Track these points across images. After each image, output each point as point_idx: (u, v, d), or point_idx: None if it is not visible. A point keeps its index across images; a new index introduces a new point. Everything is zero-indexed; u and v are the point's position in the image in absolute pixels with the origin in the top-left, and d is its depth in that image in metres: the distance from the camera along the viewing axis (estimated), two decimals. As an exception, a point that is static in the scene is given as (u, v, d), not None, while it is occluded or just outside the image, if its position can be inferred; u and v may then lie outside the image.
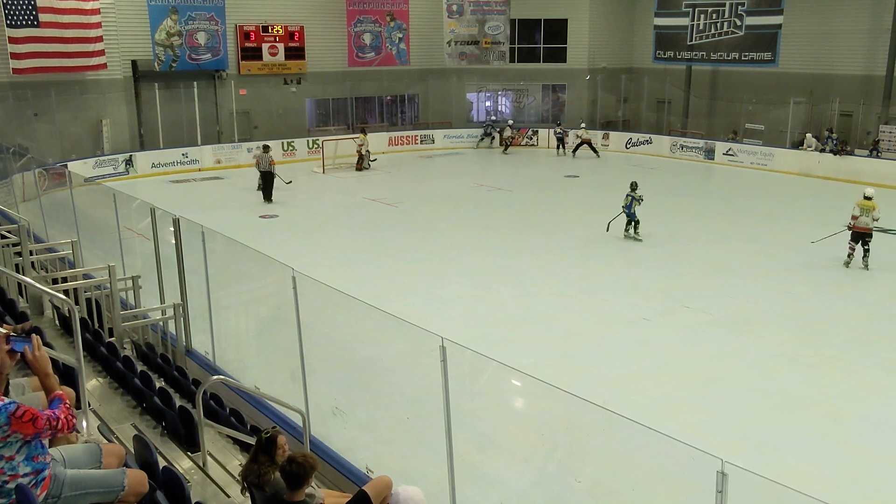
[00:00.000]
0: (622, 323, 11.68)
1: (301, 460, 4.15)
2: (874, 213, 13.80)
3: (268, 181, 20.45)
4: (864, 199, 13.95)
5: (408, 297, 12.49)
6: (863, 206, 13.90)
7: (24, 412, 3.54)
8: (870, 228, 13.83)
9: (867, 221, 13.80)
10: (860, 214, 13.86)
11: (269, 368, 9.03)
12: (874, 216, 13.79)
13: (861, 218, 13.84)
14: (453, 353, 5.09)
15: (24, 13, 21.57)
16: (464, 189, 22.34)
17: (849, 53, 24.67)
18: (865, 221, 13.81)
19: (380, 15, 29.46)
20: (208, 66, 26.07)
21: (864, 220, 13.82)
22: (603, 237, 16.57)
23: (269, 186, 20.46)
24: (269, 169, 20.42)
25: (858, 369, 10.09)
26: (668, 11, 28.46)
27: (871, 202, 13.86)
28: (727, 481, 3.49)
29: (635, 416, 4.47)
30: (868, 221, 13.79)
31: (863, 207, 13.89)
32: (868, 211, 13.81)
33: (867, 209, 13.84)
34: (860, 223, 13.89)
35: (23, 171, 16.74)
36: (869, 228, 13.82)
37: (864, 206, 13.89)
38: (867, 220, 13.78)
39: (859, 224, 13.89)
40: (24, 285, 8.19)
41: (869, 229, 13.82)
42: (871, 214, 13.77)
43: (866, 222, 13.81)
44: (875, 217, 13.79)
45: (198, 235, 8.55)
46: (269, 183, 20.46)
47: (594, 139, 28.37)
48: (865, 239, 13.88)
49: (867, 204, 13.87)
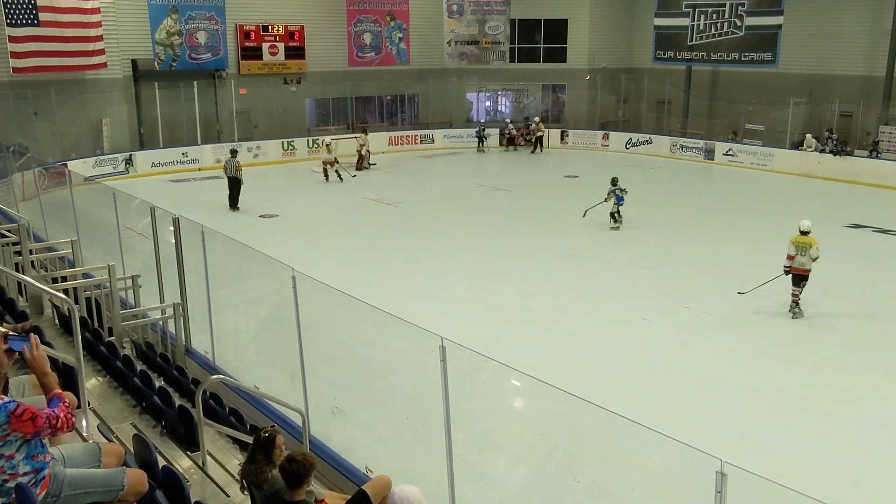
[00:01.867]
0: (621, 323, 11.68)
1: (300, 459, 4.15)
2: (812, 250, 11.38)
3: (233, 187, 19.36)
4: (800, 235, 11.59)
5: (408, 297, 12.49)
6: (799, 244, 11.53)
7: (24, 411, 3.54)
8: (807, 270, 11.50)
9: (804, 261, 11.45)
10: (796, 253, 11.53)
11: (269, 368, 9.04)
12: (812, 255, 11.39)
13: (798, 258, 11.50)
14: (453, 353, 5.10)
15: (25, 12, 21.57)
16: (463, 189, 22.34)
17: (849, 54, 24.69)
18: (802, 261, 11.47)
19: (380, 15, 29.47)
20: (208, 65, 26.08)
21: (800, 259, 11.49)
22: (603, 237, 16.58)
23: (234, 193, 19.38)
24: (236, 174, 19.32)
25: (857, 370, 10.10)
26: (669, 12, 28.47)
27: (809, 238, 11.49)
28: (726, 481, 3.49)
29: (634, 416, 4.48)
30: (805, 261, 11.43)
31: (798, 245, 11.53)
32: (805, 248, 11.44)
33: (804, 246, 11.46)
34: (797, 264, 11.53)
35: (23, 171, 16.74)
36: (807, 270, 11.50)
37: (800, 244, 11.52)
38: (804, 259, 11.45)
39: (796, 265, 11.55)
40: (24, 284, 8.18)
41: (807, 270, 11.50)
42: (809, 253, 11.39)
43: (803, 262, 11.47)
44: (814, 256, 11.38)
45: (197, 235, 8.55)
46: (235, 189, 19.37)
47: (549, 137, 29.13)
48: (802, 281, 11.57)
49: (804, 240, 11.50)
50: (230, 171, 19.51)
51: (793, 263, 11.58)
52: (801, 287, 11.61)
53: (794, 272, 11.59)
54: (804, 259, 11.45)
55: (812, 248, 11.39)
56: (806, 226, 11.65)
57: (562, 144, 30.30)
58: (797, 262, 11.53)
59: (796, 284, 11.61)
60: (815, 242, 11.42)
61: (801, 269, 11.54)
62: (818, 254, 11.41)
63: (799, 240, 11.57)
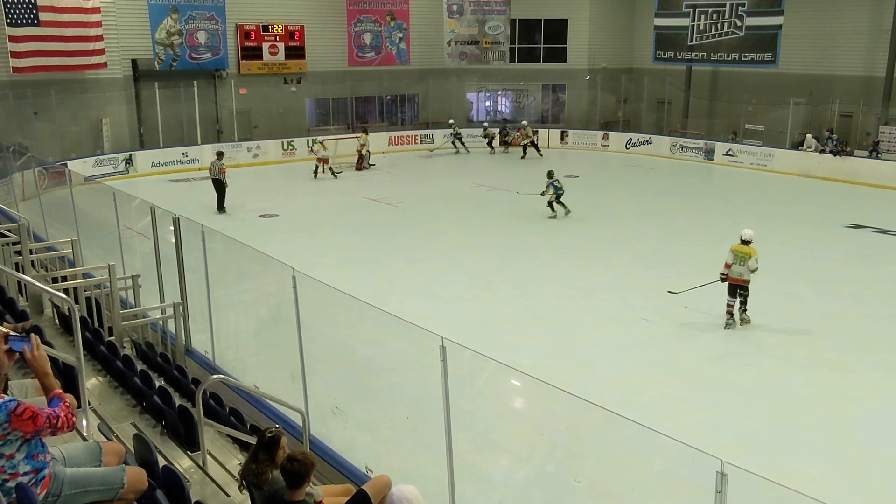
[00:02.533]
0: (621, 323, 11.69)
1: (302, 458, 4.16)
2: (750, 262, 11.01)
3: (218, 189, 19.16)
4: (741, 244, 11.20)
5: (407, 296, 12.49)
6: (737, 253, 11.17)
7: (24, 410, 3.54)
8: (745, 280, 11.12)
9: (741, 272, 11.08)
10: (734, 262, 11.15)
11: (269, 368, 9.04)
12: (750, 266, 11.02)
13: (734, 267, 11.14)
14: (453, 353, 5.10)
15: (25, 12, 21.58)
16: (463, 189, 22.34)
17: (849, 54, 24.69)
18: (739, 271, 11.10)
19: (380, 15, 29.48)
20: (208, 65, 26.08)
21: (737, 269, 11.12)
22: (603, 237, 16.57)
23: (219, 195, 19.15)
24: (220, 177, 19.08)
25: (857, 370, 10.10)
26: (669, 12, 28.48)
27: (749, 248, 11.10)
28: (726, 482, 3.50)
29: (635, 416, 4.48)
30: (743, 272, 11.07)
31: (737, 254, 11.16)
32: (744, 258, 11.07)
33: (742, 256, 11.10)
34: (733, 273, 11.15)
35: (23, 170, 16.74)
36: (744, 280, 11.12)
37: (738, 253, 11.15)
38: (742, 269, 11.08)
39: (732, 274, 11.16)
40: (24, 284, 8.19)
41: (744, 281, 11.12)
42: (748, 264, 11.04)
43: (740, 272, 11.09)
44: (752, 267, 11.02)
45: (198, 234, 8.56)
46: (220, 191, 19.15)
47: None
48: (741, 292, 11.22)
49: (743, 250, 11.12)
50: (214, 173, 19.35)
51: (729, 272, 11.19)
52: (739, 298, 11.22)
53: (731, 281, 11.22)
54: (742, 269, 11.07)
55: (751, 259, 11.01)
56: (747, 235, 11.23)
57: (562, 144, 30.29)
58: (734, 272, 11.14)
59: (732, 294, 11.24)
60: (754, 253, 11.03)
61: (738, 280, 11.15)
62: (757, 266, 11.02)
63: (738, 249, 11.19)
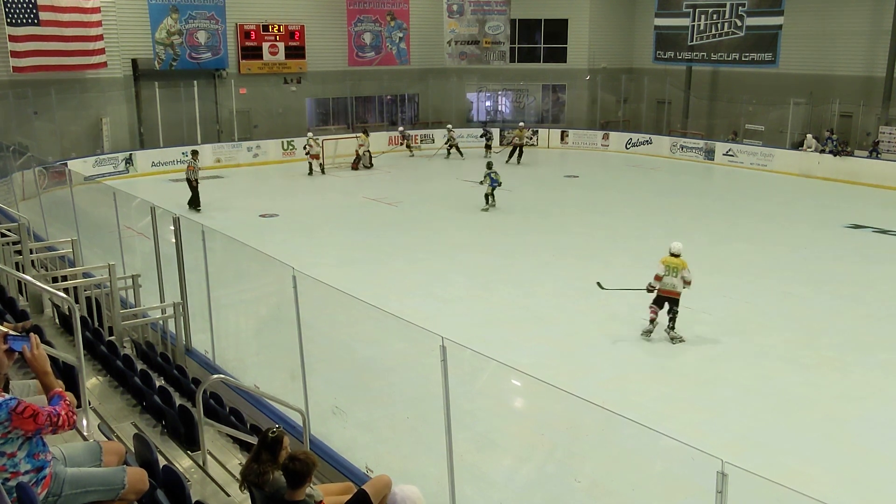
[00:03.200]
0: (621, 323, 11.68)
1: (303, 458, 4.16)
2: (684, 272, 10.86)
3: (191, 189, 19.18)
4: (671, 256, 11.02)
5: (408, 296, 12.49)
6: (669, 265, 10.95)
7: (25, 408, 3.54)
8: (677, 293, 10.92)
9: (674, 284, 10.89)
10: (665, 274, 10.95)
11: (269, 367, 9.04)
12: (684, 277, 10.85)
13: (666, 279, 10.92)
14: (453, 353, 5.10)
15: (25, 12, 21.57)
16: (464, 189, 22.33)
17: (849, 54, 24.70)
18: (673, 283, 10.89)
19: (380, 14, 29.47)
20: (208, 64, 26.08)
21: (669, 280, 10.90)
22: (603, 237, 16.57)
23: (193, 194, 19.15)
24: (189, 175, 19.16)
25: (857, 370, 10.11)
26: (669, 12, 28.48)
27: (679, 260, 10.97)
28: (727, 482, 3.50)
29: (635, 416, 4.48)
30: (676, 283, 10.88)
31: (668, 266, 10.95)
32: (676, 270, 10.88)
33: (675, 268, 10.91)
34: (665, 285, 10.94)
35: (23, 170, 16.74)
36: (676, 293, 10.92)
37: (670, 265, 10.95)
38: (675, 281, 10.88)
39: (665, 286, 10.95)
40: (24, 284, 8.19)
41: (676, 293, 10.93)
42: (681, 274, 10.86)
43: (673, 284, 10.89)
44: (686, 279, 10.86)
45: (198, 234, 8.56)
46: (193, 191, 19.17)
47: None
48: (671, 307, 11.02)
49: (674, 262, 10.95)
50: (187, 173, 19.40)
51: (661, 284, 10.98)
52: (668, 310, 11.00)
53: (662, 294, 11.02)
54: (675, 281, 10.90)
55: (683, 270, 10.89)
56: (676, 248, 11.08)
57: (562, 144, 30.30)
58: (667, 284, 10.94)
59: (659, 305, 11.03)
60: (685, 265, 10.92)
61: (670, 292, 10.96)
62: (691, 277, 10.88)
63: (669, 261, 11.01)
